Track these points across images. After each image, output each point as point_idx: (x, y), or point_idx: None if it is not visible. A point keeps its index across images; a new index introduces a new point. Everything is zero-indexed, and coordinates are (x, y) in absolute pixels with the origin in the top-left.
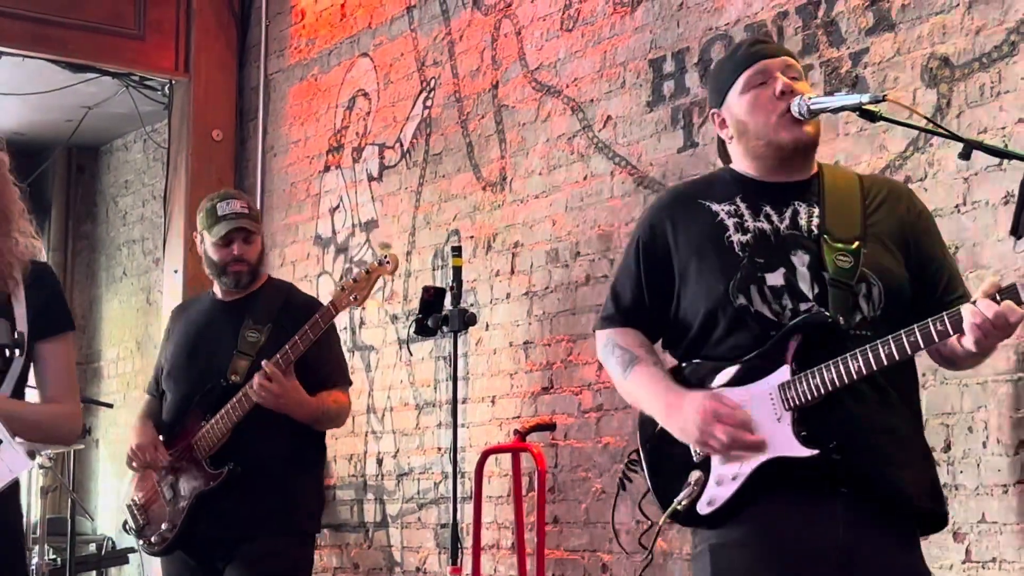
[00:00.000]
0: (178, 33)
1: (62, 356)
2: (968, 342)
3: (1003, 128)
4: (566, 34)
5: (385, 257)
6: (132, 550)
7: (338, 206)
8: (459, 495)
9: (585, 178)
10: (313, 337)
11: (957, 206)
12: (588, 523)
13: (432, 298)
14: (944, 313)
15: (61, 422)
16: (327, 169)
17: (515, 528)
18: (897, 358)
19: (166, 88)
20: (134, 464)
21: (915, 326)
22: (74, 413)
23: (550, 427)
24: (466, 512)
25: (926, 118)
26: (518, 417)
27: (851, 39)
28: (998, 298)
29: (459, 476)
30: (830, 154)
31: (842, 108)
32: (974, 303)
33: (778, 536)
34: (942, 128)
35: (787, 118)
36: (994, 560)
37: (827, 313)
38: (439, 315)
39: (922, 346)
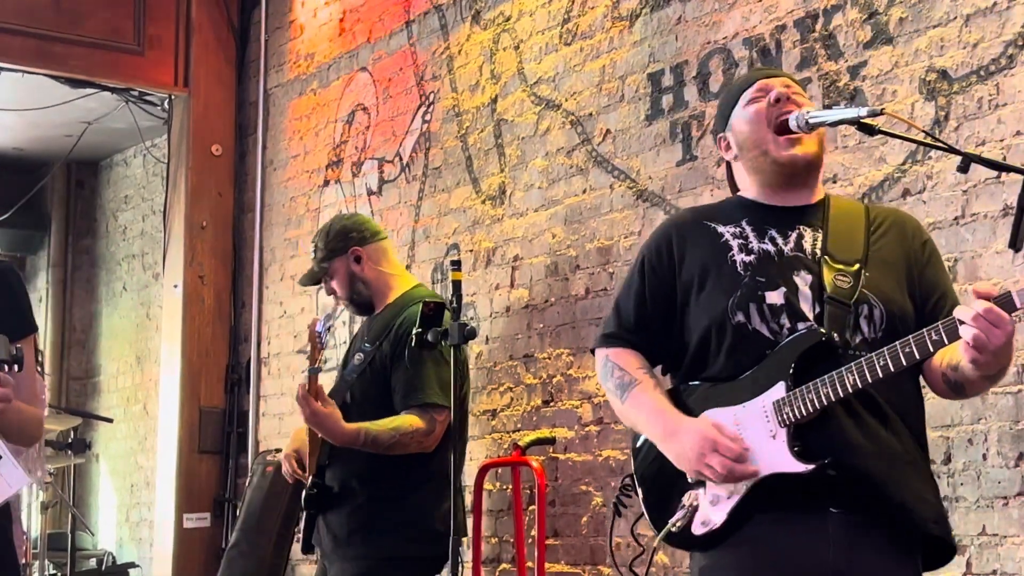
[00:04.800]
0: (177, 48)
1: (30, 358)
2: (964, 350)
3: (1001, 140)
4: (565, 48)
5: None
6: (133, 565)
7: None
8: None
9: (584, 191)
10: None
11: (956, 218)
12: (588, 537)
13: (432, 312)
14: (939, 323)
15: (37, 424)
16: (326, 183)
17: (515, 542)
18: (892, 370)
19: (165, 103)
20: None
21: (910, 337)
22: (43, 418)
23: (549, 441)
24: (466, 524)
25: (924, 131)
26: (518, 431)
27: (849, 52)
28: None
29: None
30: (828, 167)
31: (840, 122)
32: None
33: (768, 558)
34: (940, 141)
35: (785, 137)
36: (995, 572)
37: (822, 331)
38: (439, 329)
39: (917, 356)
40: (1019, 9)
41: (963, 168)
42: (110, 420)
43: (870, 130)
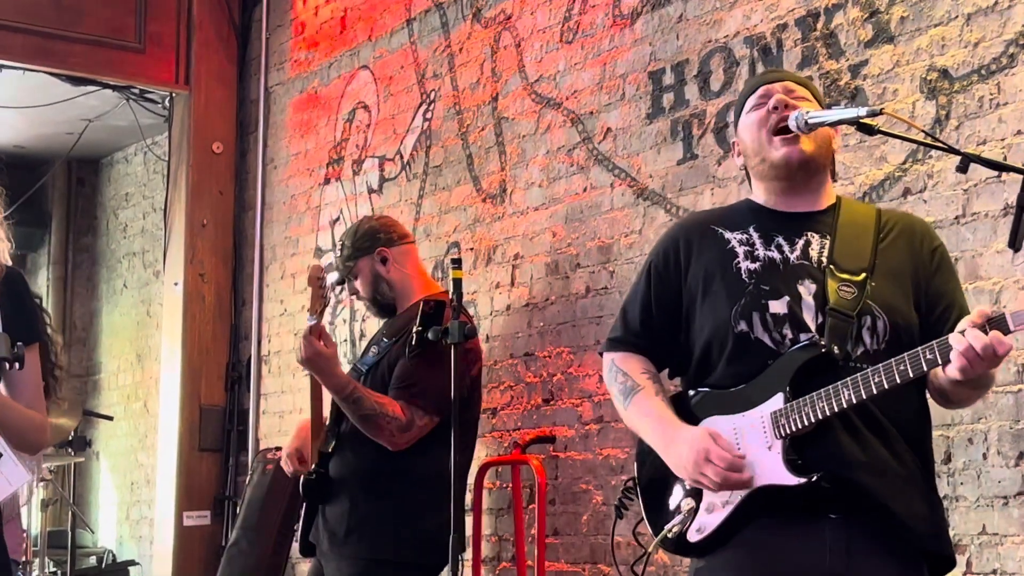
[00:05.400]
0: (178, 46)
1: (34, 365)
2: (952, 370)
3: (1002, 140)
4: (566, 46)
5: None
6: (133, 563)
7: (338, 218)
8: None
9: (585, 190)
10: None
11: (956, 218)
12: (588, 535)
13: (432, 310)
14: (934, 342)
15: (39, 430)
16: (327, 181)
17: (515, 540)
18: (887, 387)
19: (166, 101)
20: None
21: (905, 355)
22: (47, 425)
23: (550, 440)
24: (466, 524)
25: (924, 131)
26: (518, 429)
27: (850, 51)
28: (987, 328)
29: None
30: None
31: (840, 121)
32: (962, 332)
33: (764, 560)
34: (940, 141)
35: (779, 137)
36: (995, 572)
37: (822, 343)
38: (439, 327)
39: (911, 375)
40: (1020, 8)
41: (962, 168)
42: (110, 418)
43: (870, 130)
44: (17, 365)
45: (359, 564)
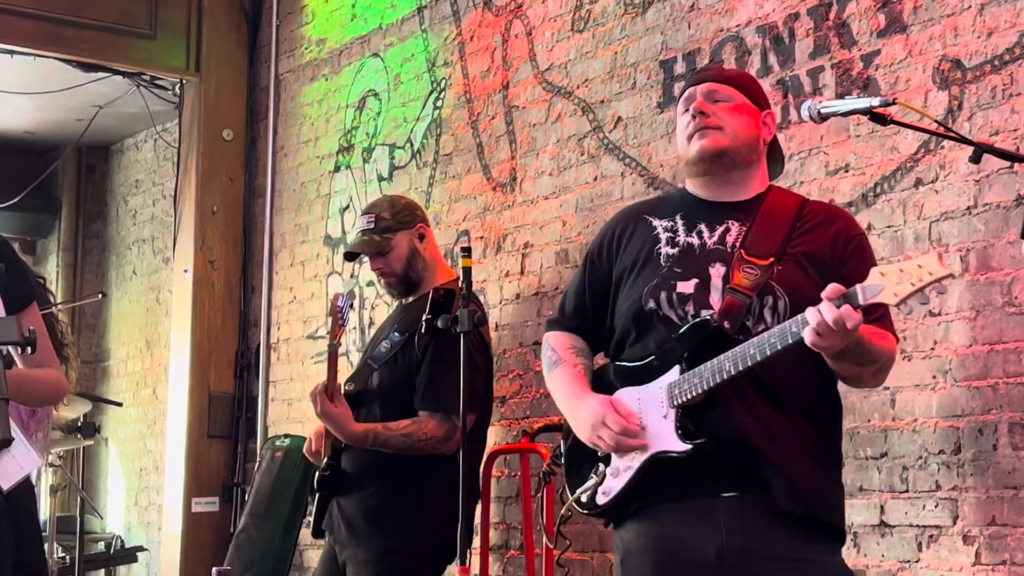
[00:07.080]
0: (189, 33)
1: (38, 324)
2: (807, 342)
3: (1015, 130)
4: (577, 35)
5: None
6: (141, 548)
7: (348, 206)
8: None
9: (595, 179)
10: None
11: (968, 208)
12: (597, 523)
13: (442, 299)
14: (798, 316)
15: (58, 387)
16: (337, 169)
17: (523, 528)
18: (760, 359)
19: (177, 88)
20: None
21: (775, 328)
22: (63, 377)
23: (558, 428)
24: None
25: (936, 121)
26: (527, 417)
27: (862, 41)
28: (840, 302)
29: None
30: (841, 157)
31: (852, 111)
32: (817, 307)
33: (666, 546)
34: (952, 132)
35: (692, 137)
36: (1004, 563)
37: (712, 320)
38: (448, 316)
39: (779, 347)
40: None
41: (975, 159)
42: (120, 404)
43: (882, 120)
44: (30, 350)
45: (377, 554)
